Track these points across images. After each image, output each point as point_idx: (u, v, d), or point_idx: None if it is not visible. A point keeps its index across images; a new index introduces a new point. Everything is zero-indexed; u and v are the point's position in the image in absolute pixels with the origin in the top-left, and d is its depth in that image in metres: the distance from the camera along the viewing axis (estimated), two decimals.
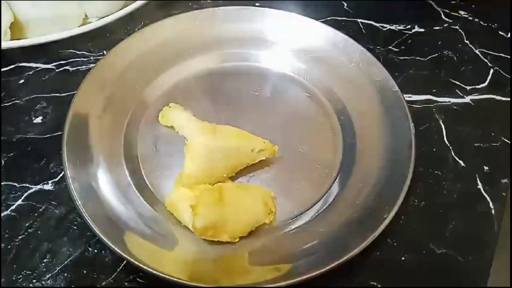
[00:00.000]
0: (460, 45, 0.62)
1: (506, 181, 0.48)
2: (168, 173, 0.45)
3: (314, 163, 0.47)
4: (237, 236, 0.40)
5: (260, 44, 0.54)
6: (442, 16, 0.66)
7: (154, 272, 0.36)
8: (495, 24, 0.65)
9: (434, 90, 0.56)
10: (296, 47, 0.55)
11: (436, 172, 0.48)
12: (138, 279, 0.39)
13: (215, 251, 0.40)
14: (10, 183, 0.45)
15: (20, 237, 0.42)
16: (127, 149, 0.47)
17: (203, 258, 0.39)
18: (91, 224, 0.38)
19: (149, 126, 0.49)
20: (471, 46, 0.62)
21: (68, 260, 0.40)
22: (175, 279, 0.35)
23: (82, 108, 0.47)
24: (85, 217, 0.39)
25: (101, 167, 0.44)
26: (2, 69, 0.56)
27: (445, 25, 0.65)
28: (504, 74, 0.59)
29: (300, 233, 0.42)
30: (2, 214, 0.43)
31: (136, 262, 0.36)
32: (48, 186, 0.45)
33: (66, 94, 0.53)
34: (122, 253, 0.36)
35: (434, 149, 0.50)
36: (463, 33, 0.64)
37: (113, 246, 0.37)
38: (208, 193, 0.39)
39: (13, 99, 0.53)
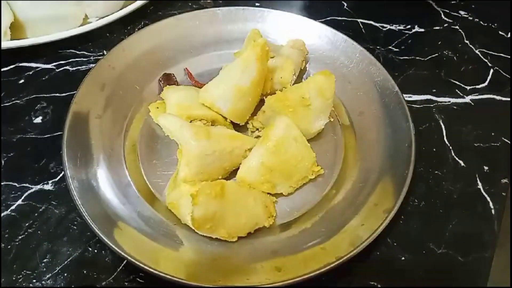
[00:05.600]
0: (460, 45, 0.62)
1: (506, 181, 0.48)
2: (168, 173, 0.45)
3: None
4: (235, 234, 0.40)
5: None
6: (442, 16, 0.66)
7: (154, 271, 0.36)
8: (495, 24, 0.65)
9: (434, 90, 0.56)
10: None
11: (436, 172, 0.48)
12: (138, 279, 0.39)
13: (215, 251, 0.40)
14: (10, 183, 0.45)
15: (20, 237, 0.42)
16: (127, 149, 0.47)
17: (203, 258, 0.39)
18: (91, 224, 0.38)
19: (149, 126, 0.49)
20: (471, 46, 0.62)
21: (68, 260, 0.40)
22: (174, 279, 0.35)
23: (82, 108, 0.47)
24: (85, 217, 0.39)
25: (101, 167, 0.44)
26: (2, 69, 0.56)
27: (445, 25, 0.65)
28: (504, 74, 0.59)
29: (300, 233, 0.42)
30: (2, 214, 0.43)
31: (135, 262, 0.36)
32: (48, 186, 0.45)
33: (66, 94, 0.53)
34: (122, 253, 0.36)
35: (434, 149, 0.50)
36: (463, 33, 0.64)
37: (113, 246, 0.37)
38: (209, 186, 0.39)
39: (13, 99, 0.53)
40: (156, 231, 0.41)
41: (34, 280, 0.39)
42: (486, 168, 0.49)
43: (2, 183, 0.45)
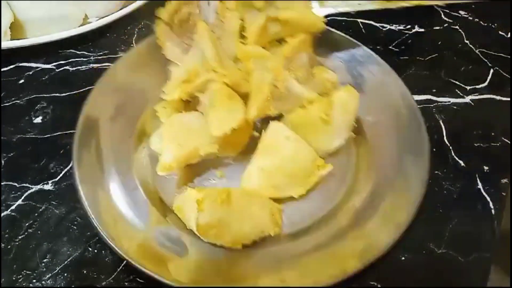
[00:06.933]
0: (460, 45, 0.62)
1: (506, 181, 0.48)
2: (176, 177, 0.45)
3: (327, 177, 0.45)
4: (240, 242, 0.39)
5: None
6: (442, 16, 0.66)
7: (157, 277, 0.35)
8: (495, 24, 0.65)
9: (434, 90, 0.56)
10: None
11: (436, 172, 0.48)
12: (138, 279, 0.39)
13: (219, 258, 0.39)
14: (10, 183, 0.45)
15: (20, 237, 0.42)
16: (138, 151, 0.46)
17: (206, 264, 0.39)
18: (97, 225, 0.38)
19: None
20: (471, 46, 0.62)
21: (68, 260, 0.40)
22: (177, 286, 0.35)
23: (93, 111, 0.46)
24: (93, 219, 0.39)
25: (109, 169, 0.43)
26: (2, 69, 0.56)
27: (445, 25, 0.65)
28: (504, 74, 0.59)
29: (306, 244, 0.40)
30: (2, 214, 0.43)
31: (140, 267, 0.36)
32: (48, 186, 0.45)
33: (66, 94, 0.53)
34: (127, 257, 0.36)
35: (434, 149, 0.50)
36: (463, 33, 0.64)
37: (116, 248, 0.37)
38: (215, 193, 0.39)
39: (13, 99, 0.53)
40: (162, 235, 0.40)
41: (34, 280, 0.39)
42: (486, 168, 0.49)
43: (2, 183, 0.45)
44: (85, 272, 0.40)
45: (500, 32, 0.64)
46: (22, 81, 0.55)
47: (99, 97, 0.48)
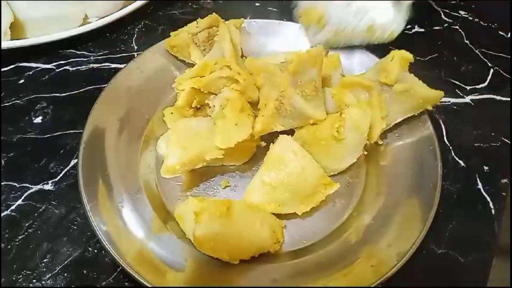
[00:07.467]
0: (460, 45, 0.62)
1: (506, 181, 0.48)
2: (180, 183, 0.45)
3: (333, 196, 0.44)
4: (237, 257, 0.39)
5: None
6: (442, 16, 0.66)
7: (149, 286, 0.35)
8: (495, 24, 0.65)
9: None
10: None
11: None
12: None
13: (215, 271, 0.38)
14: (10, 183, 0.45)
15: (20, 237, 0.42)
16: (144, 156, 0.46)
17: (202, 276, 0.38)
18: (97, 229, 0.38)
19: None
20: (471, 46, 0.62)
21: (68, 260, 0.40)
22: None
23: (102, 113, 0.46)
24: (93, 222, 0.38)
25: (113, 171, 0.43)
26: (2, 69, 0.56)
27: (445, 25, 0.65)
28: (504, 74, 0.59)
29: (305, 264, 0.40)
30: (2, 214, 0.43)
31: (137, 276, 0.36)
32: (48, 186, 0.45)
33: (66, 94, 0.53)
34: (124, 264, 0.36)
35: None
36: (463, 33, 0.64)
37: (112, 251, 0.37)
38: (215, 205, 0.38)
39: (13, 99, 0.53)
40: (161, 243, 0.40)
41: (34, 280, 0.39)
42: (486, 168, 0.49)
43: (2, 183, 0.45)
44: (85, 272, 0.40)
45: (500, 32, 0.64)
46: (22, 81, 0.55)
47: (108, 99, 0.47)
